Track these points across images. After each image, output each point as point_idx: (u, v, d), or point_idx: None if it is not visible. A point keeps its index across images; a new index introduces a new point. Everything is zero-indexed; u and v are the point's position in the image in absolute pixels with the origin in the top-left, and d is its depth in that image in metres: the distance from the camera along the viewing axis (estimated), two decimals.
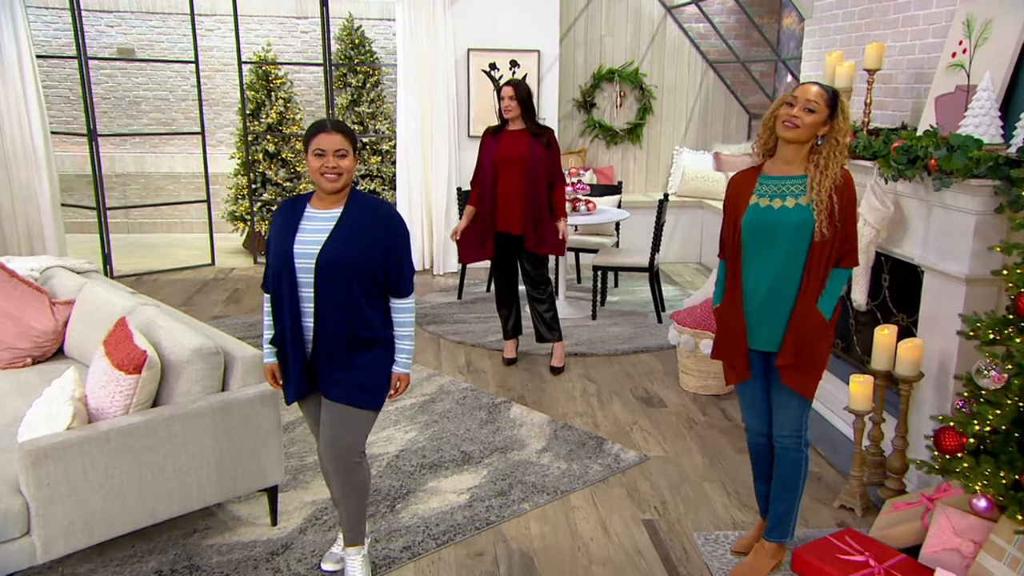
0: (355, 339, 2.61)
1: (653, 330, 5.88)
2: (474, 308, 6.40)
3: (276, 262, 2.59)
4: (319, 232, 2.57)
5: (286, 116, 8.18)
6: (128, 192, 9.19)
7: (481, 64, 7.24)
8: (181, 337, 3.06)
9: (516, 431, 4.18)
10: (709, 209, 7.89)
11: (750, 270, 2.73)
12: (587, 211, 6.08)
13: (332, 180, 2.54)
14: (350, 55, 8.34)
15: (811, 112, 2.58)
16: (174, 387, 2.98)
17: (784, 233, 2.65)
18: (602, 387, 4.84)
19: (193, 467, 2.93)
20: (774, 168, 2.73)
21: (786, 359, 2.69)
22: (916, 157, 3.26)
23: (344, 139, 2.54)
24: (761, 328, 2.75)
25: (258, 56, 8.15)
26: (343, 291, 2.56)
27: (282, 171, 8.15)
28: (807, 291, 2.66)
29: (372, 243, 2.58)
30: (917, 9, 4.05)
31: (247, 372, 3.12)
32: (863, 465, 3.43)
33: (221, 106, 9.27)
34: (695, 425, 4.32)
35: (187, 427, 2.89)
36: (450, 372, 5.04)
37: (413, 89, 7.17)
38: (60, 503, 2.61)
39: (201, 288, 6.98)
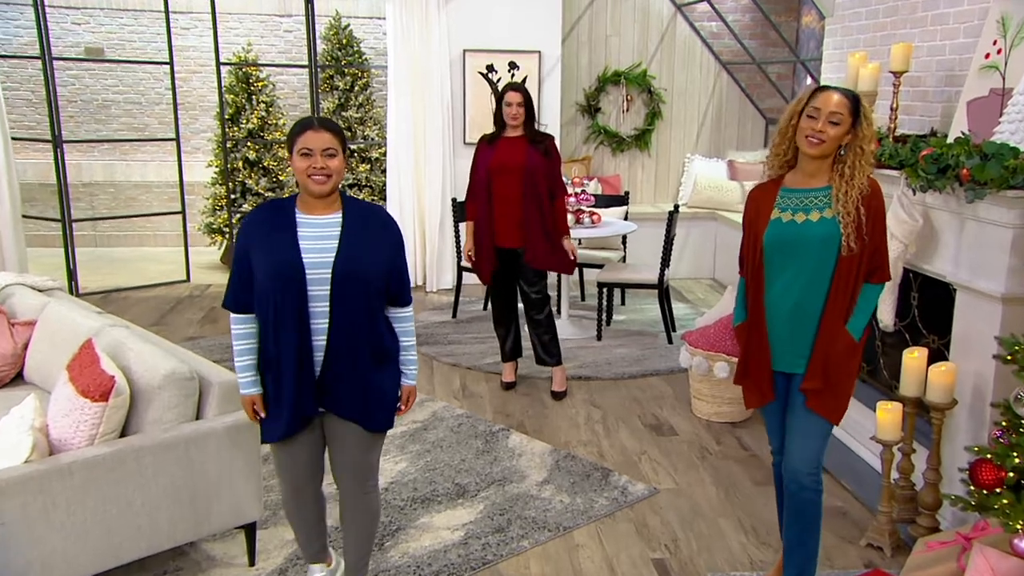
0: (374, 353, 2.62)
1: (663, 352, 5.86)
2: (470, 328, 6.38)
3: (275, 275, 2.49)
4: (325, 239, 2.54)
5: (268, 121, 8.21)
6: (96, 203, 9.19)
7: (478, 66, 7.27)
8: (152, 361, 3.04)
9: (515, 461, 4.15)
10: (723, 221, 7.90)
11: (773, 288, 2.74)
12: (591, 223, 6.08)
13: (320, 182, 2.51)
14: (337, 56, 8.39)
15: (835, 124, 2.59)
16: (144, 415, 2.96)
17: (809, 248, 2.66)
18: (608, 413, 4.82)
19: (164, 502, 2.90)
20: (795, 180, 2.74)
21: (813, 382, 2.69)
22: (947, 166, 3.26)
23: (333, 137, 2.52)
24: (785, 349, 2.75)
25: (238, 57, 8.19)
26: (362, 301, 2.56)
27: (263, 180, 8.16)
28: (834, 309, 2.67)
29: (379, 249, 2.59)
30: (947, 6, 4.05)
31: (224, 398, 3.10)
32: (892, 500, 3.40)
33: (198, 110, 9.30)
34: (709, 455, 4.29)
35: (158, 459, 2.86)
36: (444, 397, 5.02)
37: (405, 92, 7.19)
38: (16, 543, 2.58)
39: (175, 306, 6.96)
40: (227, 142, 7.92)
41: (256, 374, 2.63)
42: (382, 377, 2.67)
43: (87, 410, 2.76)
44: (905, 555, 3.30)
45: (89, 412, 2.76)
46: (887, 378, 4.18)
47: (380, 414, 2.69)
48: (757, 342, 2.79)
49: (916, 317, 3.91)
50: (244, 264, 2.57)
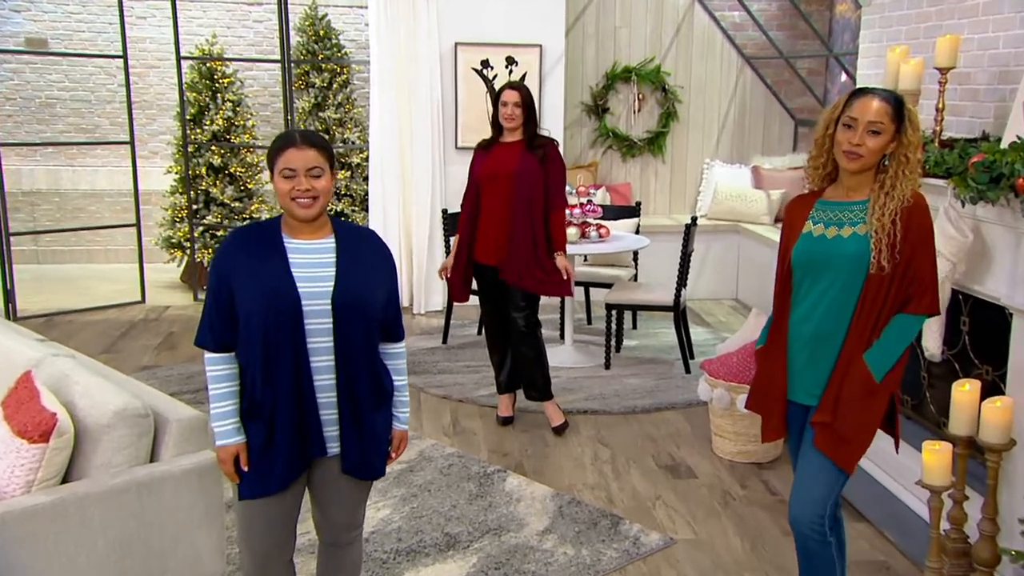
0: (374, 394, 2.62)
1: (680, 382, 5.85)
2: (462, 354, 6.37)
3: (267, 308, 2.45)
4: (319, 266, 2.52)
5: (235, 122, 8.23)
6: (38, 214, 9.19)
7: (471, 61, 7.31)
8: (101, 395, 3.00)
9: (513, 508, 4.13)
10: (747, 235, 7.91)
11: (798, 309, 2.78)
12: (599, 238, 6.09)
13: (306, 206, 2.48)
14: (313, 50, 8.42)
15: (876, 135, 2.60)
16: (90, 458, 2.92)
17: (837, 267, 2.68)
18: (618, 452, 4.81)
19: (112, 558, 2.85)
20: (836, 193, 2.78)
21: (823, 416, 2.71)
22: (1000, 175, 3.25)
23: (318, 154, 2.50)
24: (804, 377, 2.78)
25: (201, 50, 8.21)
26: (362, 336, 2.55)
27: (229, 189, 8.18)
28: (855, 336, 2.68)
29: (376, 278, 2.60)
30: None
31: (183, 438, 3.07)
32: (942, 554, 3.37)
33: (155, 110, 9.32)
34: (732, 500, 4.27)
35: (106, 508, 2.82)
36: (432, 434, 5.00)
37: (389, 90, 7.21)
38: None
39: (128, 331, 6.95)
40: (188, 146, 7.93)
41: (238, 421, 2.56)
42: (381, 420, 2.68)
43: (24, 452, 2.73)
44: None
45: (26, 455, 2.73)
46: (934, 414, 4.16)
47: (376, 461, 2.68)
48: (772, 367, 2.84)
49: (967, 345, 3.89)
50: (223, 296, 2.52)
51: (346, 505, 2.73)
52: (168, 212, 8.32)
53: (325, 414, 2.56)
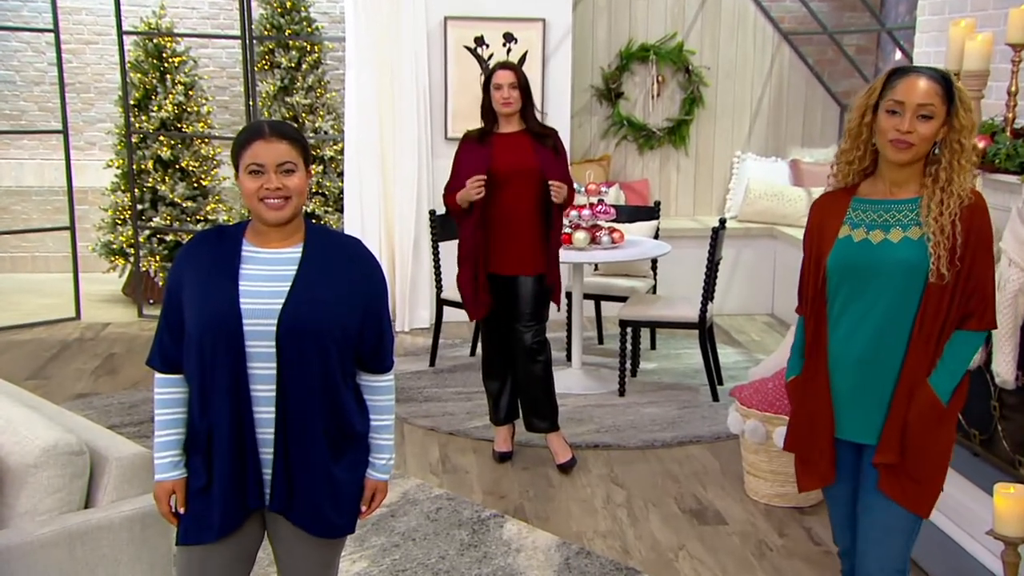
0: (333, 435, 2.58)
1: (706, 412, 5.85)
2: (452, 379, 6.37)
3: (205, 326, 2.47)
4: (274, 280, 2.51)
5: (187, 108, 8.28)
6: None
7: (463, 39, 7.32)
8: (27, 430, 2.98)
9: (511, 559, 4.11)
10: (784, 239, 7.92)
11: (838, 329, 2.74)
12: (611, 243, 6.07)
13: (276, 207, 2.48)
14: (279, 24, 8.45)
15: (927, 119, 2.57)
16: (13, 504, 2.91)
17: (887, 277, 2.65)
18: (634, 494, 4.79)
19: None
20: (874, 190, 2.74)
21: (886, 455, 2.68)
22: None
23: (290, 147, 2.50)
24: (853, 409, 2.74)
25: (146, 24, 8.23)
26: (317, 366, 2.51)
27: (180, 186, 8.20)
28: (916, 359, 2.65)
29: (349, 295, 2.56)
30: None
31: (124, 480, 3.05)
32: None
33: (93, 93, 9.34)
34: (769, 551, 4.26)
35: (32, 563, 2.80)
36: (418, 473, 4.99)
37: (368, 72, 7.21)
38: None
39: (59, 353, 6.94)
40: (132, 136, 7.94)
41: (180, 453, 2.57)
42: (344, 467, 2.63)
43: None
44: None
45: None
46: (1007, 451, 4.13)
47: (339, 516, 2.64)
48: (815, 401, 2.79)
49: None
50: (174, 309, 2.55)
51: (306, 564, 2.69)
52: (108, 213, 8.34)
53: (264, 453, 2.54)
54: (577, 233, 5.88)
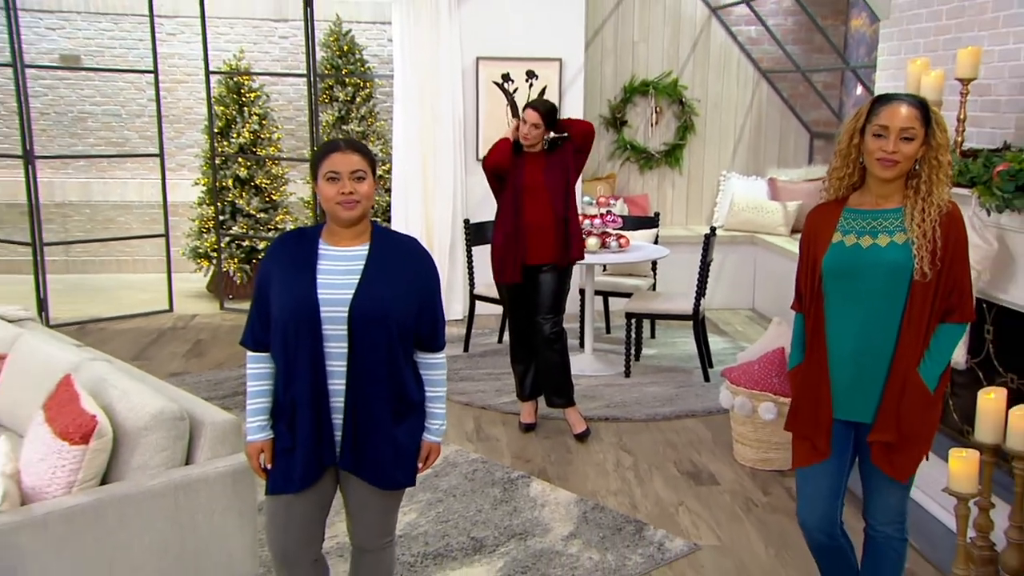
0: (394, 404, 2.59)
1: (699, 390, 5.82)
2: (483, 363, 6.36)
3: (289, 312, 2.50)
4: (345, 274, 2.54)
5: (261, 135, 8.27)
6: (70, 225, 9.24)
7: (492, 75, 7.31)
8: (138, 399, 3.01)
9: (537, 512, 4.10)
10: (763, 246, 7.87)
11: (834, 322, 2.69)
12: (619, 248, 6.06)
13: (349, 208, 2.51)
14: (337, 64, 8.45)
15: (909, 140, 2.54)
16: (128, 460, 2.92)
17: (876, 277, 2.61)
18: (640, 459, 4.78)
19: (150, 559, 2.85)
20: (863, 201, 2.69)
21: (883, 434, 2.63)
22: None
23: (362, 159, 2.54)
24: (850, 394, 2.69)
25: (228, 65, 8.26)
26: (384, 346, 2.53)
27: (255, 200, 8.21)
28: (906, 349, 2.60)
29: (408, 287, 2.58)
30: (1022, 6, 4.04)
31: (217, 441, 3.07)
32: (969, 562, 3.31)
33: (184, 123, 9.37)
34: (755, 507, 4.23)
35: (144, 509, 2.82)
36: (456, 440, 4.98)
37: (412, 104, 7.22)
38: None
39: (157, 339, 6.97)
40: (216, 158, 7.97)
41: (267, 419, 2.61)
42: (404, 432, 2.65)
43: (65, 454, 2.73)
44: None
45: (68, 456, 2.73)
46: (957, 422, 4.11)
47: (400, 472, 2.66)
48: (815, 388, 2.73)
49: (991, 353, 3.85)
50: (262, 298, 2.59)
51: (372, 513, 2.71)
52: (195, 223, 8.36)
53: (337, 419, 2.56)
54: (589, 239, 5.87)
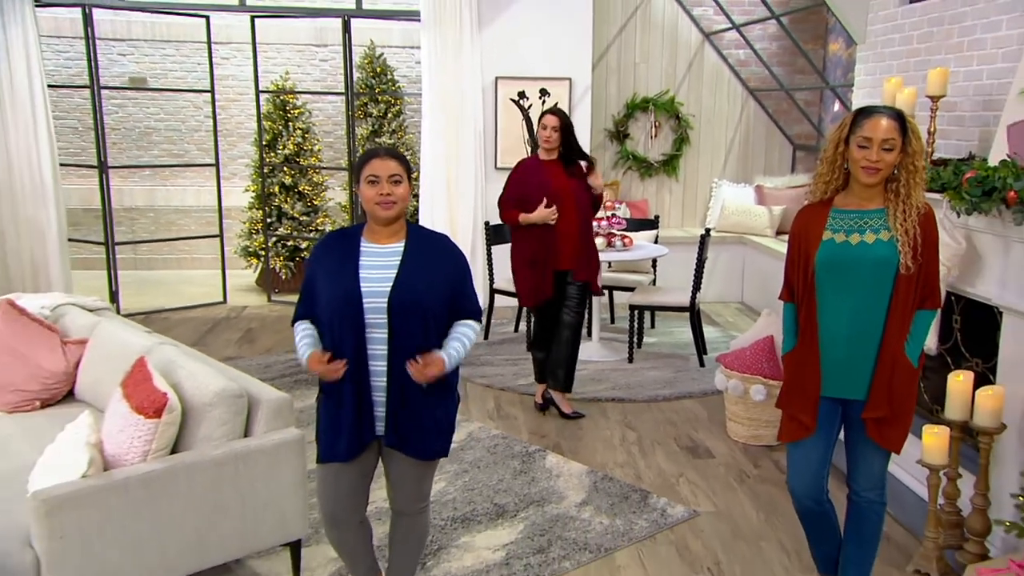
0: (431, 385, 2.58)
1: (695, 374, 5.80)
2: (501, 349, 6.36)
3: (335, 302, 2.53)
4: (384, 268, 2.55)
5: (303, 147, 8.28)
6: (136, 227, 9.29)
7: (509, 93, 7.30)
8: (203, 378, 3.03)
9: (553, 482, 4.11)
10: (751, 245, 7.84)
11: (826, 311, 2.68)
12: (623, 247, 6.05)
13: (387, 208, 2.54)
14: (371, 84, 8.46)
15: (889, 150, 2.54)
16: (195, 432, 2.95)
17: (865, 270, 2.60)
18: (643, 435, 4.77)
19: (215, 519, 2.87)
20: (848, 202, 2.69)
21: (877, 410, 2.62)
22: (992, 188, 3.20)
23: (398, 165, 2.56)
24: (842, 374, 2.68)
25: (275, 85, 8.27)
26: (419, 332, 2.54)
27: (299, 204, 8.22)
28: (893, 333, 2.60)
29: (440, 278, 2.59)
30: (984, 32, 4.02)
31: (272, 416, 3.09)
32: (938, 525, 3.32)
33: (235, 137, 9.40)
34: (747, 478, 4.22)
35: (209, 476, 2.85)
36: (479, 418, 4.99)
37: (438, 119, 7.21)
38: (73, 558, 2.57)
39: (213, 327, 7.00)
40: (264, 167, 7.99)
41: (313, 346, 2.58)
42: (439, 407, 2.65)
43: (141, 426, 2.76)
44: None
45: (143, 428, 2.75)
46: (927, 402, 4.10)
47: (435, 444, 2.67)
48: (807, 370, 2.72)
49: (959, 341, 3.84)
50: (310, 287, 2.64)
51: (410, 481, 2.72)
52: (246, 225, 8.38)
53: (378, 396, 2.57)
54: (597, 239, 5.85)
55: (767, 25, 8.27)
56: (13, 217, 6.67)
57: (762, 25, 8.27)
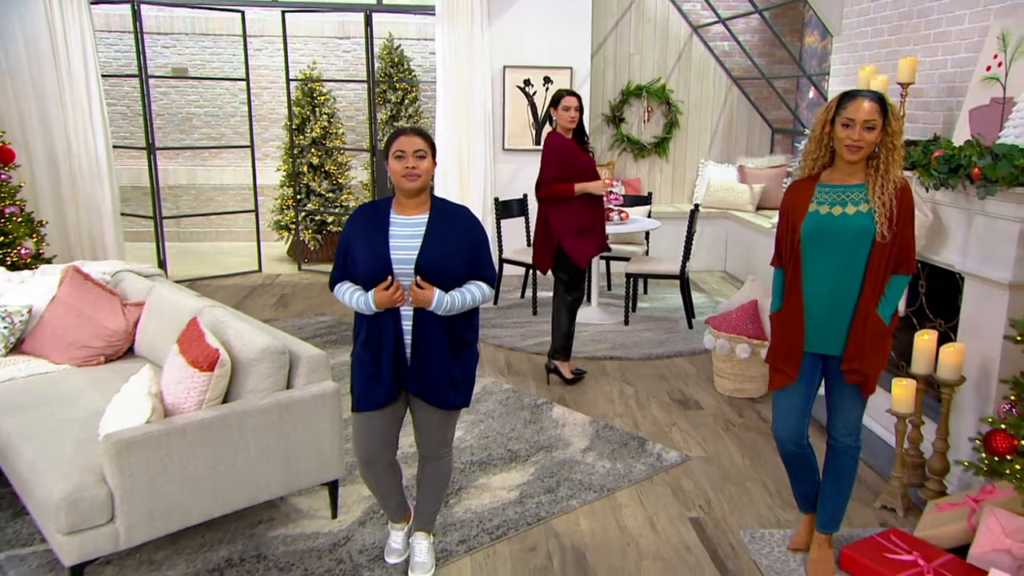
0: (452, 340, 2.60)
1: (684, 335, 5.81)
2: (510, 313, 6.37)
3: (369, 266, 2.54)
4: (411, 238, 2.56)
5: (329, 131, 8.23)
6: (179, 203, 9.27)
7: (516, 80, 7.24)
8: (249, 336, 3.05)
9: (559, 431, 4.13)
10: (734, 220, 7.82)
11: (810, 275, 2.68)
12: (620, 221, 6.03)
13: (412, 180, 2.54)
14: (390, 73, 8.39)
15: (871, 130, 2.53)
16: (244, 384, 2.97)
17: (845, 238, 2.60)
18: (639, 389, 4.78)
19: (261, 461, 2.91)
20: (833, 177, 2.68)
21: (852, 362, 2.64)
22: (958, 166, 3.20)
23: (423, 141, 2.56)
24: (824, 331, 2.69)
25: (304, 74, 8.20)
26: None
27: (325, 183, 8.19)
28: (868, 295, 2.60)
29: (461, 246, 2.59)
30: (949, 25, 3.99)
31: (311, 371, 3.11)
32: (903, 467, 3.35)
33: (267, 121, 9.34)
34: (732, 427, 4.25)
35: (256, 423, 2.88)
36: (491, 374, 5.01)
37: (451, 104, 7.16)
38: (141, 493, 2.61)
39: (250, 293, 7.00)
40: (294, 149, 7.95)
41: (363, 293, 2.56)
42: (459, 363, 2.66)
43: (196, 378, 2.78)
44: (916, 516, 3.26)
45: (198, 380, 2.78)
46: (895, 358, 4.12)
47: (455, 396, 2.68)
48: (792, 327, 2.72)
49: (924, 303, 3.85)
50: (344, 252, 2.65)
51: (434, 428, 2.74)
52: (277, 201, 8.35)
53: (407, 352, 2.59)
54: None
55: (750, 19, 8.18)
56: (73, 194, 6.68)
57: (745, 19, 8.17)
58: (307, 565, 2.90)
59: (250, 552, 2.96)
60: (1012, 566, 2.61)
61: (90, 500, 2.54)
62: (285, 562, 2.91)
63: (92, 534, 2.56)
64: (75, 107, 6.53)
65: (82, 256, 6.69)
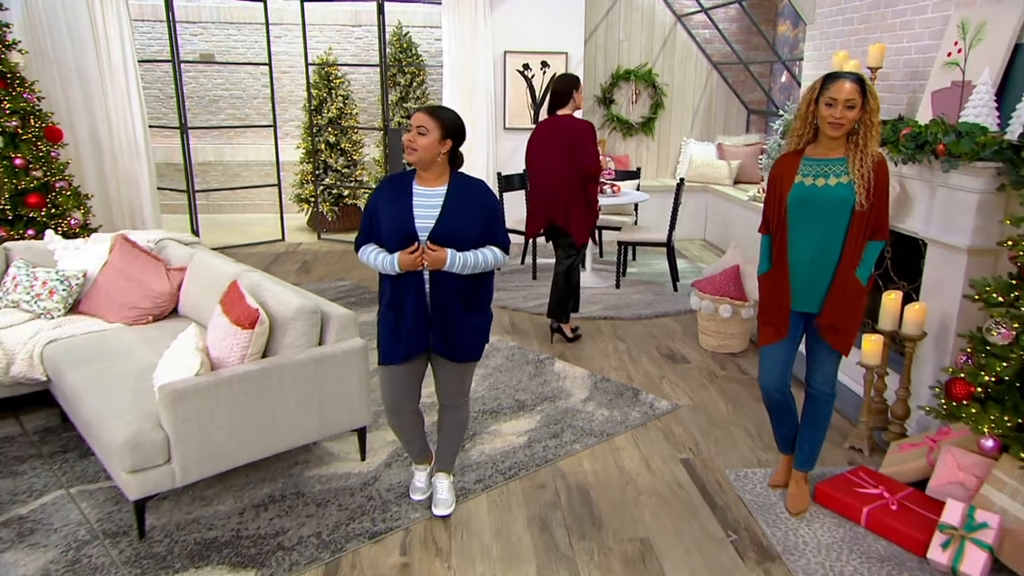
0: (467, 301, 2.60)
1: (670, 297, 5.83)
2: (512, 278, 6.38)
3: (394, 232, 2.53)
4: (431, 208, 2.55)
5: (344, 111, 8.13)
6: (208, 178, 9.18)
7: (516, 64, 7.16)
8: (285, 298, 3.06)
9: (561, 383, 4.16)
10: (713, 193, 7.80)
11: (794, 241, 2.69)
12: (612, 193, 6.02)
13: (409, 153, 2.52)
14: (399, 58, 8.27)
15: (851, 108, 2.52)
16: (281, 341, 2.99)
17: (827, 207, 2.61)
18: (631, 345, 4.81)
19: (297, 409, 2.94)
20: (816, 152, 2.68)
21: (831, 319, 2.66)
22: (924, 142, 3.20)
23: (427, 118, 2.51)
24: (806, 292, 2.70)
25: (320, 59, 8.08)
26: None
27: (341, 159, 8.13)
28: (847, 259, 2.62)
29: (475, 216, 2.58)
30: (914, 15, 3.95)
31: (341, 329, 3.12)
32: (870, 413, 3.41)
33: (287, 103, 9.22)
34: (716, 378, 4.29)
35: (293, 375, 2.90)
36: (497, 333, 5.02)
37: (456, 87, 7.08)
38: (193, 437, 2.64)
39: (275, 260, 6.98)
40: (312, 128, 7.86)
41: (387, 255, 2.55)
42: (473, 320, 2.66)
43: (239, 336, 2.79)
44: (880, 455, 3.32)
45: (240, 337, 2.79)
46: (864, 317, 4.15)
47: (470, 350, 2.69)
48: (779, 288, 2.74)
49: (889, 267, 3.87)
50: (372, 220, 2.62)
51: (452, 379, 2.75)
52: (297, 176, 8.28)
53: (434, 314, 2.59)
54: None
55: (729, 8, 8.07)
56: (114, 170, 6.62)
57: (724, 8, 8.07)
58: (341, 501, 2.94)
59: (290, 490, 3.01)
60: (964, 496, 2.67)
61: (149, 443, 2.56)
62: (322, 499, 2.95)
63: (152, 473, 2.59)
64: (114, 91, 6.45)
65: (123, 226, 6.64)
